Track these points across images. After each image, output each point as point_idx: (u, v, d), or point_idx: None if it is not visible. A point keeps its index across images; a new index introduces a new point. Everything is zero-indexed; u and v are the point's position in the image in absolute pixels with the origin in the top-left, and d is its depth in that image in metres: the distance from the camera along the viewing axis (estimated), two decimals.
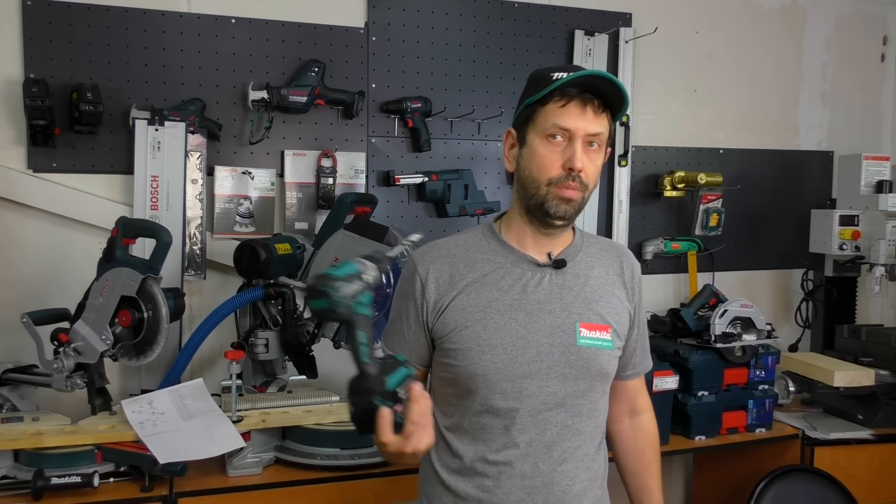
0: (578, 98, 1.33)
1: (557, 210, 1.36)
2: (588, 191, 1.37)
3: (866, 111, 3.40)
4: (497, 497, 1.38)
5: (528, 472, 1.37)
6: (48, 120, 2.25)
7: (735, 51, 3.16)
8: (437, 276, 1.42)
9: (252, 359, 2.30)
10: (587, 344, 1.39)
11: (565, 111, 1.33)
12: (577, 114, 1.33)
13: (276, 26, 2.55)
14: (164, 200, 2.38)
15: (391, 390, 1.11)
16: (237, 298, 2.26)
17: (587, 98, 1.33)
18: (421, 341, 1.44)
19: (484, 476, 1.39)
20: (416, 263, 1.45)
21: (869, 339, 2.80)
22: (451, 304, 1.39)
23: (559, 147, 1.35)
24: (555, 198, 1.36)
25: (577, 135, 1.33)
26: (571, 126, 1.33)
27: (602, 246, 1.51)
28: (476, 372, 1.36)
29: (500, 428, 1.38)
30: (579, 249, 1.46)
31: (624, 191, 2.97)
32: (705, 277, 3.10)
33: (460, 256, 1.43)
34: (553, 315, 1.39)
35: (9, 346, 2.26)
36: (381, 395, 1.11)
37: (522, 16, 2.85)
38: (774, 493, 2.39)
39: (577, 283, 1.42)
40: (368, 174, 2.68)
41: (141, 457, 1.91)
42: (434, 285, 1.41)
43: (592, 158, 1.36)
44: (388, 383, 1.11)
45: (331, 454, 2.05)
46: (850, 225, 2.94)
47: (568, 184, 1.34)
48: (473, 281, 1.40)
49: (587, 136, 1.34)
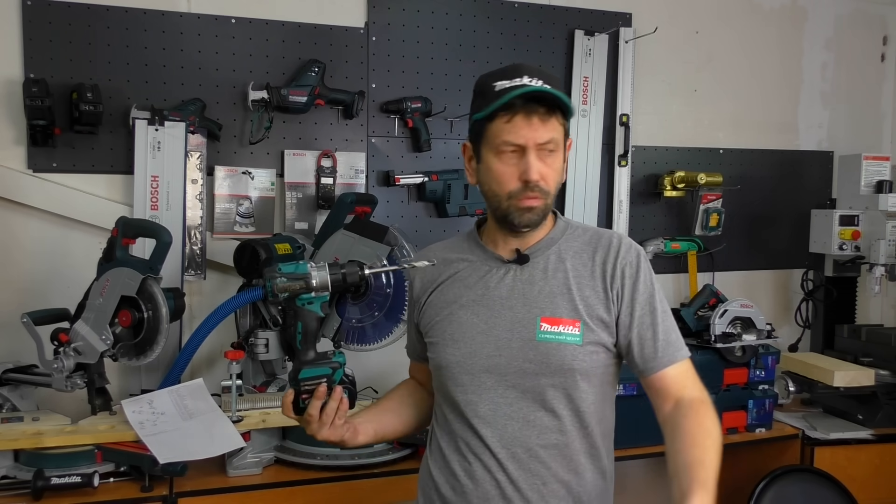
0: (522, 110, 1.32)
1: (521, 220, 1.38)
2: (551, 194, 1.39)
3: (866, 111, 3.40)
4: (468, 489, 1.40)
5: (494, 466, 1.39)
6: (48, 120, 2.24)
7: (735, 51, 3.16)
8: (422, 277, 1.52)
9: (252, 359, 2.30)
10: (547, 339, 1.37)
11: (512, 126, 1.32)
12: (524, 126, 1.32)
13: (276, 26, 2.55)
14: (164, 200, 2.38)
15: (297, 378, 1.37)
16: (237, 298, 2.26)
17: (531, 108, 1.32)
18: (418, 336, 1.54)
19: (457, 466, 1.42)
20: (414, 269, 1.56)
21: (869, 339, 2.80)
22: (427, 302, 1.49)
23: (513, 160, 1.35)
24: (516, 209, 1.37)
25: (527, 146, 1.33)
26: (520, 141, 1.33)
27: (587, 238, 1.46)
28: (443, 364, 1.43)
29: (463, 421, 1.42)
30: (554, 242, 1.44)
31: (624, 191, 2.97)
32: (705, 277, 3.10)
33: (442, 258, 1.50)
34: (514, 310, 1.40)
35: (9, 346, 2.25)
36: (291, 379, 1.39)
37: (522, 16, 2.85)
38: (774, 494, 2.39)
39: (542, 277, 1.41)
40: (368, 174, 2.68)
41: (141, 457, 1.91)
42: (419, 284, 1.52)
43: (549, 163, 1.36)
44: (301, 373, 1.37)
45: (331, 454, 2.05)
46: (850, 225, 2.94)
47: (527, 195, 1.36)
48: (447, 279, 1.48)
49: (538, 146, 1.34)
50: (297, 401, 1.38)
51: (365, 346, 2.25)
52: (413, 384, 1.65)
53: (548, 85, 1.32)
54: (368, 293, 2.21)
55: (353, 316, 2.23)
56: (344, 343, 2.25)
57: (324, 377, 1.38)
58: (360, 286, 2.19)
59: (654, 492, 3.13)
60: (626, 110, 2.95)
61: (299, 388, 1.38)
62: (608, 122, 2.95)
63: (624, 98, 2.95)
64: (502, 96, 1.31)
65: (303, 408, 1.38)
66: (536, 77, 1.33)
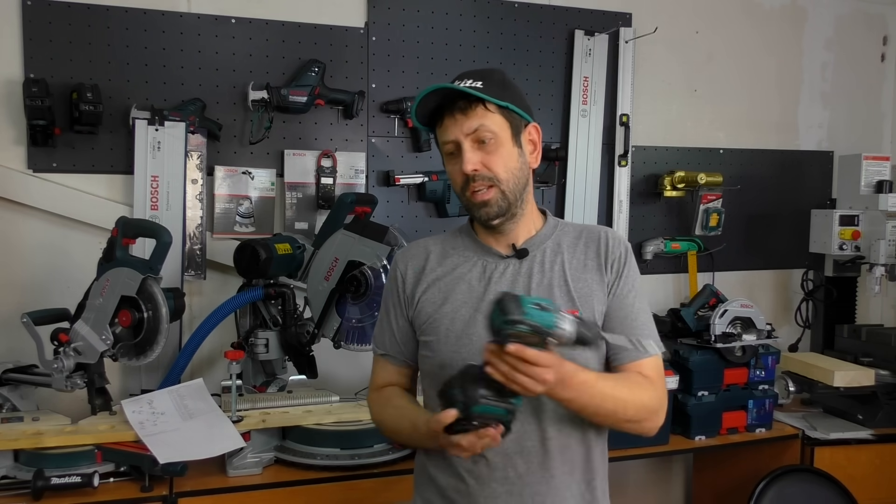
0: (448, 111, 1.38)
1: (481, 214, 1.42)
2: (503, 181, 1.39)
3: (866, 111, 3.40)
4: (473, 488, 1.40)
5: (500, 463, 1.39)
6: (48, 120, 2.25)
7: (735, 51, 3.16)
8: (413, 272, 1.50)
9: (252, 359, 2.30)
10: None
11: (443, 127, 1.40)
12: (451, 124, 1.38)
13: (276, 26, 2.55)
14: (164, 200, 2.38)
15: (469, 410, 1.21)
16: (237, 298, 2.26)
17: (453, 106, 1.37)
18: (408, 335, 1.50)
19: (460, 466, 1.41)
20: (397, 262, 1.54)
21: (869, 339, 2.79)
22: (423, 298, 1.46)
23: (456, 159, 1.40)
24: (471, 204, 1.42)
25: (458, 140, 1.38)
26: (451, 137, 1.39)
27: (577, 233, 1.49)
28: (445, 362, 1.40)
29: None
30: (547, 238, 1.47)
31: (624, 191, 2.97)
32: (705, 277, 3.10)
33: (435, 252, 1.51)
34: None
35: (9, 346, 2.26)
36: (460, 403, 1.21)
37: (522, 16, 2.85)
38: (774, 493, 2.39)
39: (540, 270, 1.44)
40: (368, 174, 2.68)
41: (141, 457, 1.91)
42: (410, 279, 1.49)
43: (491, 150, 1.38)
44: (478, 408, 1.21)
45: (331, 454, 2.05)
46: (850, 225, 2.94)
47: (471, 188, 1.39)
48: (443, 274, 1.47)
49: (470, 137, 1.37)
50: (457, 425, 1.23)
51: (365, 347, 2.25)
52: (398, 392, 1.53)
53: (477, 82, 1.36)
54: (368, 293, 2.21)
55: (353, 316, 2.23)
56: (344, 343, 2.25)
57: (499, 419, 1.23)
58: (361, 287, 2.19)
59: (653, 492, 3.14)
60: (626, 110, 2.95)
61: (468, 417, 1.22)
62: (608, 122, 2.95)
63: (624, 98, 2.95)
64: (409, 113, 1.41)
65: (457, 431, 1.24)
66: (467, 78, 1.37)
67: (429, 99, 1.38)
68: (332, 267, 2.22)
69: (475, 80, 1.37)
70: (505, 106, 1.38)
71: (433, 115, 1.41)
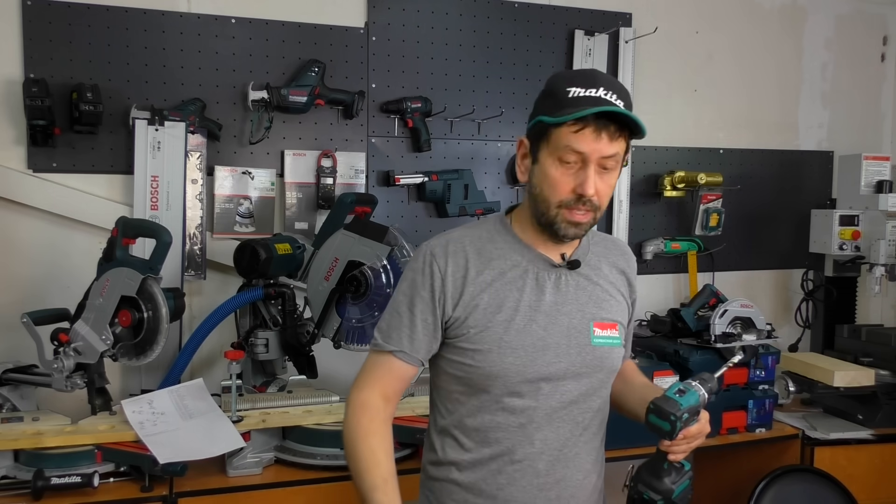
0: (594, 123, 1.28)
1: (567, 232, 1.37)
2: (600, 211, 1.37)
3: (866, 111, 3.40)
4: (510, 494, 1.40)
5: (543, 469, 1.40)
6: (48, 120, 2.25)
7: (735, 51, 3.16)
8: (454, 271, 1.39)
9: (252, 359, 2.30)
10: (601, 343, 1.42)
11: (580, 136, 1.29)
12: (592, 140, 1.29)
13: (276, 26, 2.55)
14: (164, 200, 2.38)
15: (672, 499, 1.36)
16: (237, 298, 2.26)
17: (603, 124, 1.29)
18: (434, 336, 1.40)
19: (497, 473, 1.40)
20: (433, 256, 1.40)
21: (869, 339, 2.79)
22: (472, 303, 1.37)
23: (571, 170, 1.32)
24: (564, 220, 1.35)
25: (590, 158, 1.30)
26: (586, 150, 1.30)
27: (606, 244, 1.53)
28: (496, 373, 1.37)
29: (515, 426, 1.39)
30: (587, 249, 1.48)
31: (624, 191, 2.97)
32: (705, 277, 3.10)
33: (476, 251, 1.41)
34: (570, 316, 1.41)
35: (9, 346, 2.26)
36: (664, 498, 1.36)
37: (522, 16, 2.85)
38: (774, 493, 2.39)
39: (588, 283, 1.45)
40: (368, 174, 2.68)
41: (141, 457, 1.91)
42: (452, 279, 1.38)
43: (606, 180, 1.34)
44: (675, 492, 1.36)
45: (331, 454, 2.05)
46: (850, 225, 2.94)
47: (578, 207, 1.33)
48: (493, 280, 1.39)
49: (601, 160, 1.31)
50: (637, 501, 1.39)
51: (365, 347, 2.24)
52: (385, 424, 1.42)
53: (623, 103, 1.30)
54: (368, 293, 2.21)
55: (353, 316, 2.23)
56: (344, 343, 2.25)
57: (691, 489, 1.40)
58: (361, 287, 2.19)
59: None
60: None
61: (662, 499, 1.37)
62: None
63: None
64: (578, 107, 1.28)
65: (634, 498, 1.40)
66: (612, 91, 1.30)
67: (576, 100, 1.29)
68: (332, 267, 2.22)
69: (620, 98, 1.30)
70: None
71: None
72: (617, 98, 1.30)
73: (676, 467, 1.37)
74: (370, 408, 1.41)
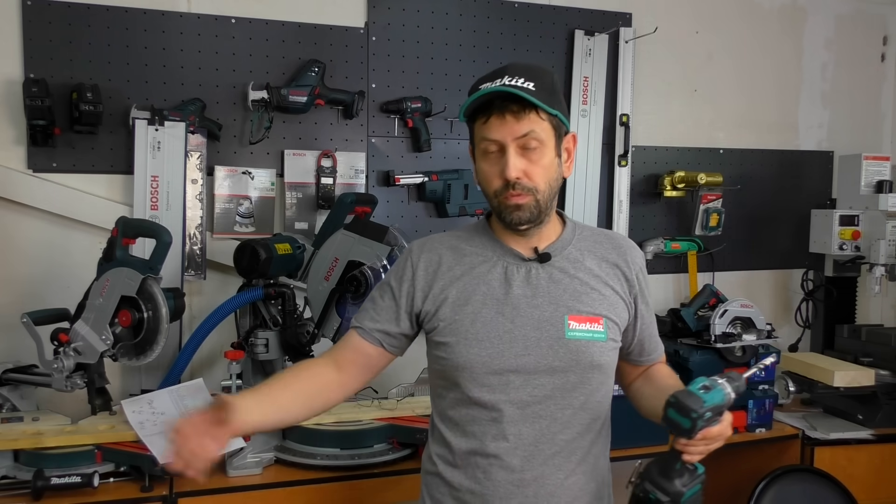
0: (497, 109, 1.33)
1: (512, 218, 1.39)
2: (541, 191, 1.37)
3: (866, 111, 3.40)
4: (487, 489, 1.40)
5: (517, 465, 1.39)
6: (48, 120, 2.25)
7: (735, 51, 3.16)
8: (427, 265, 1.46)
9: (252, 359, 2.30)
10: (577, 336, 1.40)
11: (489, 125, 1.35)
12: (499, 125, 1.34)
13: (276, 26, 2.56)
14: (164, 200, 2.38)
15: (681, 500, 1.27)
16: (237, 298, 2.26)
17: (504, 107, 1.33)
18: (396, 322, 1.46)
19: (475, 467, 1.41)
20: (410, 252, 1.50)
21: (869, 339, 2.79)
22: (441, 297, 1.43)
23: (495, 159, 1.37)
24: (504, 207, 1.38)
25: (505, 143, 1.34)
26: (497, 136, 1.34)
27: (597, 238, 1.51)
28: (462, 365, 1.39)
29: (488, 420, 1.40)
30: (568, 242, 1.47)
31: (624, 191, 2.97)
32: (705, 277, 3.10)
33: (451, 249, 1.47)
34: (540, 309, 1.40)
35: (9, 346, 2.26)
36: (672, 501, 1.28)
37: (522, 16, 2.85)
38: (774, 493, 2.39)
39: (564, 276, 1.43)
40: (368, 174, 2.68)
41: (141, 457, 1.91)
42: (423, 272, 1.45)
43: (534, 159, 1.35)
44: (685, 495, 1.28)
45: (331, 454, 2.05)
46: (850, 225, 2.94)
47: (509, 193, 1.36)
48: (461, 274, 1.43)
49: (516, 140, 1.34)
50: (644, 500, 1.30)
51: None
52: (309, 370, 1.49)
53: (533, 83, 1.32)
54: (368, 293, 2.20)
55: (352, 316, 2.22)
56: None
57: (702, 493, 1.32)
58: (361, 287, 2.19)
59: None
60: (626, 110, 2.95)
61: None
62: (608, 122, 2.95)
63: (624, 98, 2.95)
64: (464, 105, 1.36)
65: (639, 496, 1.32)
66: (519, 76, 1.33)
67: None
68: (332, 267, 2.22)
69: (527, 80, 1.32)
70: (555, 114, 1.36)
71: (477, 108, 1.36)
72: (525, 81, 1.32)
73: (689, 469, 1.30)
74: (311, 361, 1.51)
